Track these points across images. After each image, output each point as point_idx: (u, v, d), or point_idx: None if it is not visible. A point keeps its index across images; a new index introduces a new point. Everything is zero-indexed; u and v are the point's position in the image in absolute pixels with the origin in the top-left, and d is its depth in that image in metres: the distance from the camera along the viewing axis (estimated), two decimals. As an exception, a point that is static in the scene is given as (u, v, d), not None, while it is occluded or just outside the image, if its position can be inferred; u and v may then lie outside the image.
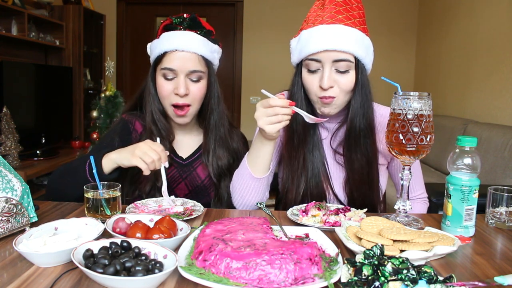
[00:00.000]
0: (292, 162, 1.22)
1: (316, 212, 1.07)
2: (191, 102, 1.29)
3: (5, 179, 0.92)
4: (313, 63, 1.12)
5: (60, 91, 3.85)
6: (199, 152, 1.39)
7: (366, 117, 1.16)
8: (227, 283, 0.67)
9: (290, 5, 4.98)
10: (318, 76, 1.13)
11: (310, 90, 1.16)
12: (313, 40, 1.11)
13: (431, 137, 0.96)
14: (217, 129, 1.36)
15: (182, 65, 1.26)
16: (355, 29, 1.11)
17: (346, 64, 1.10)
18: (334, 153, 1.25)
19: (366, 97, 1.15)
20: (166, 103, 1.30)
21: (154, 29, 5.27)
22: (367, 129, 1.17)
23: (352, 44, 1.09)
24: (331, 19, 1.11)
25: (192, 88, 1.28)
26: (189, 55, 1.27)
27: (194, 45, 1.28)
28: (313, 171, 1.22)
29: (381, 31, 4.90)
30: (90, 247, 0.74)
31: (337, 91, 1.13)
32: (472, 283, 0.66)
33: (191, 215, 1.07)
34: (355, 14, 1.13)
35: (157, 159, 1.10)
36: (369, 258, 0.69)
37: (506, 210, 1.04)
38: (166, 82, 1.28)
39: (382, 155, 1.26)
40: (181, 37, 1.28)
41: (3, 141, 2.91)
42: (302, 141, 1.21)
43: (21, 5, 3.53)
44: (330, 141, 1.26)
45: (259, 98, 5.18)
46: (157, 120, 1.32)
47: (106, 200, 1.01)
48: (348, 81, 1.12)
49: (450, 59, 4.10)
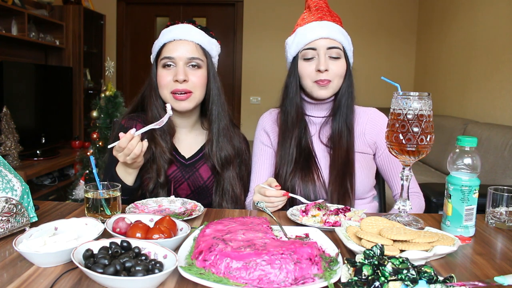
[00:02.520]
0: (285, 142, 1.35)
1: (316, 212, 1.07)
2: (192, 89, 1.31)
3: (5, 179, 0.92)
4: (309, 51, 1.30)
5: (60, 91, 3.85)
6: (202, 152, 1.39)
7: (350, 97, 1.35)
8: (227, 283, 0.67)
9: (290, 5, 4.98)
10: (314, 62, 1.30)
11: (306, 76, 1.31)
12: (309, 32, 1.30)
13: (431, 137, 0.96)
14: (220, 120, 1.38)
15: (180, 53, 1.30)
16: (339, 26, 1.33)
17: (337, 51, 1.29)
18: (322, 145, 1.36)
19: (351, 83, 1.35)
20: (166, 92, 1.31)
21: (154, 29, 5.27)
22: (349, 106, 1.35)
23: (339, 35, 1.30)
24: (320, 19, 1.33)
25: (191, 76, 1.31)
26: (186, 43, 1.32)
27: (192, 34, 1.33)
28: (304, 151, 1.34)
29: (381, 31, 4.91)
30: (90, 247, 0.74)
31: (332, 75, 1.28)
32: (472, 283, 0.66)
33: (191, 215, 1.07)
34: (336, 18, 1.35)
35: (130, 154, 1.13)
36: (369, 258, 0.69)
37: (506, 210, 1.04)
38: (165, 72, 1.31)
39: (366, 143, 1.37)
40: (178, 28, 1.34)
41: (3, 141, 2.91)
42: (295, 124, 1.35)
43: (21, 5, 3.53)
44: (318, 134, 1.37)
45: (259, 98, 5.18)
46: (159, 116, 1.33)
47: (106, 200, 1.01)
48: (339, 67, 1.30)
49: (450, 59, 4.10)
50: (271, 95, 5.88)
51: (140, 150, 1.13)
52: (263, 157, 1.42)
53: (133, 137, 1.11)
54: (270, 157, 1.41)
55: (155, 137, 1.31)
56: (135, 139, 1.12)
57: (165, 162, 1.30)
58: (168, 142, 1.33)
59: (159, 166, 1.29)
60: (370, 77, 1.22)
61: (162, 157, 1.30)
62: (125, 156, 1.13)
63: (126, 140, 1.10)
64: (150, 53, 1.43)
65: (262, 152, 1.42)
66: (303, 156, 1.33)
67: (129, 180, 1.24)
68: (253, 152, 1.46)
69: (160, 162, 1.29)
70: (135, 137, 1.12)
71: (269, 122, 1.44)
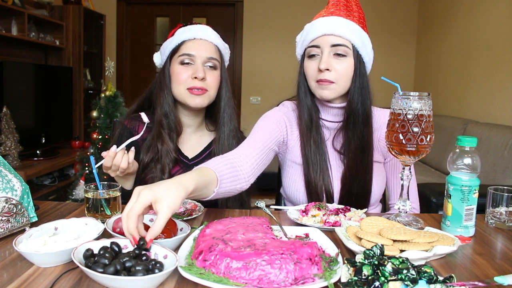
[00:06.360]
0: (307, 144, 1.24)
1: (316, 212, 1.07)
2: (208, 88, 1.32)
3: (5, 179, 0.92)
4: (313, 49, 1.21)
5: (60, 91, 3.85)
6: (205, 153, 1.39)
7: (364, 105, 1.22)
8: (227, 283, 0.67)
9: (290, 5, 4.98)
10: (316, 61, 1.20)
11: (308, 75, 1.23)
12: (313, 28, 1.21)
13: (431, 137, 0.96)
14: (230, 122, 1.39)
15: (200, 52, 1.31)
16: (353, 22, 1.20)
17: (343, 49, 1.18)
18: (336, 152, 1.28)
19: (363, 86, 1.21)
20: (182, 88, 1.31)
21: (154, 29, 5.27)
22: (363, 115, 1.22)
23: (348, 32, 1.18)
24: (331, 14, 1.21)
25: (208, 76, 1.32)
26: (206, 43, 1.34)
27: (210, 35, 1.36)
28: (320, 163, 1.24)
29: (381, 31, 4.90)
30: (90, 247, 0.74)
31: (335, 76, 1.18)
32: (472, 283, 0.66)
33: (191, 215, 1.08)
34: (355, 14, 1.23)
35: (115, 170, 1.13)
36: (369, 258, 0.69)
37: (506, 210, 1.04)
38: (183, 68, 1.31)
39: (379, 151, 1.29)
40: (198, 28, 1.35)
41: (3, 141, 2.91)
42: (310, 127, 1.26)
43: (21, 5, 3.53)
44: (332, 141, 1.28)
45: (259, 98, 5.18)
46: (169, 112, 1.34)
47: (106, 200, 1.01)
48: (344, 67, 1.18)
49: (450, 59, 4.10)
50: (271, 95, 5.86)
51: (126, 163, 1.12)
52: (268, 133, 1.24)
53: (116, 154, 1.11)
54: (273, 139, 1.24)
55: (162, 135, 1.31)
56: (119, 154, 1.11)
57: (171, 161, 1.30)
58: (174, 141, 1.33)
59: (164, 164, 1.29)
60: (370, 77, 1.21)
61: (168, 156, 1.30)
62: (114, 172, 1.14)
63: (109, 159, 1.10)
64: (150, 53, 1.43)
65: (270, 129, 1.25)
66: (319, 168, 1.23)
67: (128, 185, 1.25)
68: (255, 125, 1.29)
69: (165, 161, 1.29)
70: (118, 153, 1.11)
71: (293, 116, 1.31)
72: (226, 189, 1.02)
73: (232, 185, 1.05)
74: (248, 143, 1.20)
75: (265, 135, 1.23)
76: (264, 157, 1.19)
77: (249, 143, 1.20)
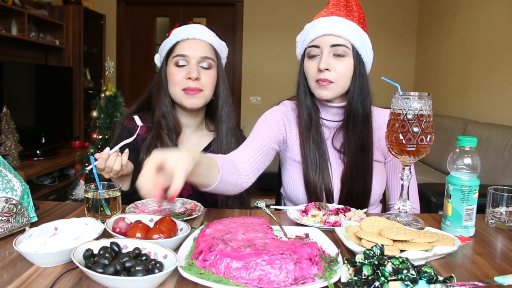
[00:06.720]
0: (306, 144, 1.25)
1: (316, 212, 1.07)
2: (203, 88, 1.32)
3: (5, 179, 0.92)
4: (313, 49, 1.21)
5: (60, 91, 3.85)
6: (206, 152, 1.39)
7: (363, 104, 1.22)
8: (227, 283, 0.67)
9: (290, 5, 4.98)
10: (316, 61, 1.21)
11: (308, 75, 1.23)
12: (313, 28, 1.21)
13: (431, 137, 0.96)
14: (229, 121, 1.39)
15: (193, 52, 1.31)
16: (352, 22, 1.20)
17: (342, 49, 1.18)
18: (335, 151, 1.28)
19: (363, 86, 1.22)
20: (177, 89, 1.32)
21: (154, 29, 5.26)
22: (363, 115, 1.23)
23: (348, 32, 1.18)
24: (331, 14, 1.22)
25: (203, 75, 1.32)
26: (200, 43, 1.33)
27: (205, 34, 1.35)
28: (319, 162, 1.25)
29: (381, 31, 4.90)
30: (90, 247, 0.74)
31: (334, 76, 1.19)
32: (472, 283, 0.66)
33: (191, 215, 1.07)
34: (355, 14, 1.23)
35: (108, 172, 1.14)
36: (369, 258, 0.69)
37: (506, 210, 1.04)
38: (177, 69, 1.31)
39: (380, 151, 1.29)
40: (192, 28, 1.35)
41: (3, 141, 2.91)
42: (309, 127, 1.26)
43: (21, 5, 3.53)
44: (332, 140, 1.28)
45: (259, 98, 5.18)
46: (166, 113, 1.34)
47: (106, 200, 1.01)
48: (344, 67, 1.19)
49: (450, 59, 4.10)
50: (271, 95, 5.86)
51: (119, 165, 1.12)
52: (267, 132, 1.25)
53: (109, 156, 1.11)
54: (272, 139, 1.25)
55: (161, 136, 1.32)
56: (112, 156, 1.12)
57: None
58: (174, 141, 1.33)
59: None
60: (370, 77, 1.21)
61: None
62: (108, 174, 1.14)
63: (102, 161, 1.11)
64: (150, 53, 1.44)
65: (269, 129, 1.26)
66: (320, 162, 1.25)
67: (125, 186, 1.26)
68: (255, 125, 1.30)
69: None
70: (111, 155, 1.12)
71: (292, 116, 1.32)
72: (228, 179, 1.04)
73: (233, 177, 1.07)
74: (247, 144, 1.22)
75: (264, 134, 1.24)
76: (264, 156, 1.21)
77: (248, 143, 1.22)
